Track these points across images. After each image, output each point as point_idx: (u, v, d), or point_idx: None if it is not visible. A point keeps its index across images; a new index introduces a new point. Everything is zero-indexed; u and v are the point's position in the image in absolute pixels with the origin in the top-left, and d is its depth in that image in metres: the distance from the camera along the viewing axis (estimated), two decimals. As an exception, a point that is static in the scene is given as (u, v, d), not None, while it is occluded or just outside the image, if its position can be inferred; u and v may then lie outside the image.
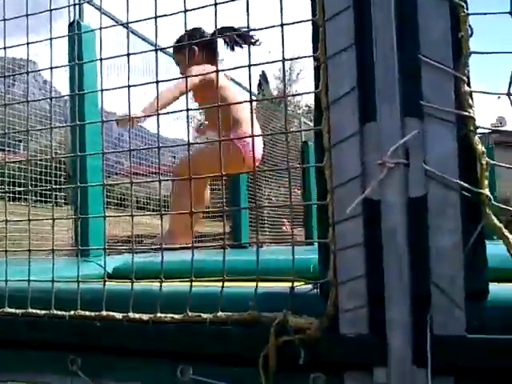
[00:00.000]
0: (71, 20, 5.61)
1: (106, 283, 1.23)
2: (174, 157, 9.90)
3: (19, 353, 1.36)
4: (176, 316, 1.15)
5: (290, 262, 1.12)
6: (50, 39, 1.47)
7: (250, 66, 1.16)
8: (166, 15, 1.27)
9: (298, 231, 11.79)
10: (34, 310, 1.30)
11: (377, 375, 0.98)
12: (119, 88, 1.33)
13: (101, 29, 1.41)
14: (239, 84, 8.47)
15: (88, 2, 5.93)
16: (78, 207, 3.18)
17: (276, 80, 25.88)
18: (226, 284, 1.16)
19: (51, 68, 1.47)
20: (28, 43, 1.48)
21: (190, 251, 1.21)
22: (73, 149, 4.93)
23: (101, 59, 1.42)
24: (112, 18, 5.95)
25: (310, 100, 26.57)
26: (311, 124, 13.20)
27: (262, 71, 27.18)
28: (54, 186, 6.15)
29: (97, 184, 4.75)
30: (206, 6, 1.21)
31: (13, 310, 1.32)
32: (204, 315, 1.13)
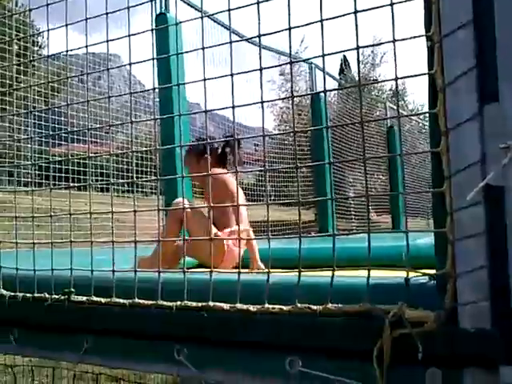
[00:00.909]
0: (156, 11, 5.72)
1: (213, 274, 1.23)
2: (257, 145, 9.94)
3: (127, 342, 1.38)
4: (285, 307, 1.13)
5: (381, 250, 1.07)
6: (129, 36, 1.48)
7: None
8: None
9: (384, 218, 11.59)
10: (141, 301, 1.31)
11: (504, 374, 0.91)
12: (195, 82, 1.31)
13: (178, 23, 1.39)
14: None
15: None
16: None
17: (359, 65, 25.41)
18: (335, 273, 1.12)
19: (130, 64, 1.48)
20: (108, 40, 1.50)
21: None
22: (162, 140, 5.04)
23: (177, 54, 1.40)
24: (195, 8, 6.02)
25: (394, 84, 25.94)
26: (395, 108, 12.91)
27: (344, 56, 26.82)
28: (130, 180, 6.28)
29: (175, 177, 4.84)
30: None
31: (121, 300, 1.34)
32: (314, 307, 1.10)
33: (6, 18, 6.38)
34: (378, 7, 1.11)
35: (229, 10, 1.27)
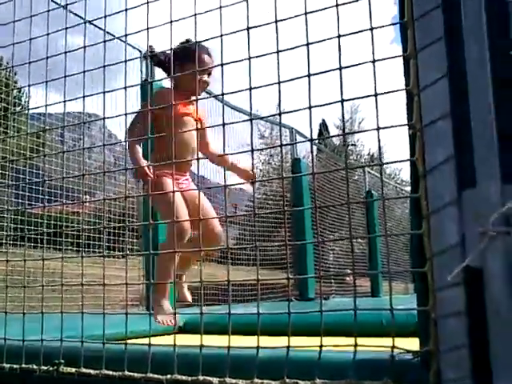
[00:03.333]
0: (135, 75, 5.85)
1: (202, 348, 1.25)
2: (235, 206, 10.03)
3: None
4: (273, 382, 1.15)
5: (361, 316, 1.11)
6: (103, 93, 1.54)
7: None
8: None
9: (362, 282, 11.61)
10: (131, 373, 1.32)
11: None
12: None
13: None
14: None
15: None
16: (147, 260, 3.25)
17: (337, 129, 26.01)
18: (313, 342, 1.15)
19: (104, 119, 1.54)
20: (83, 96, 1.56)
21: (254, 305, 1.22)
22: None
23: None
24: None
25: (372, 148, 26.50)
26: (374, 173, 13.14)
27: (323, 120, 27.41)
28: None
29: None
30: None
31: (110, 373, 1.35)
32: (302, 382, 1.13)
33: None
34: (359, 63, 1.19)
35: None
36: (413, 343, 1.13)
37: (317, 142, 14.04)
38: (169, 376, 1.27)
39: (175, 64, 2.63)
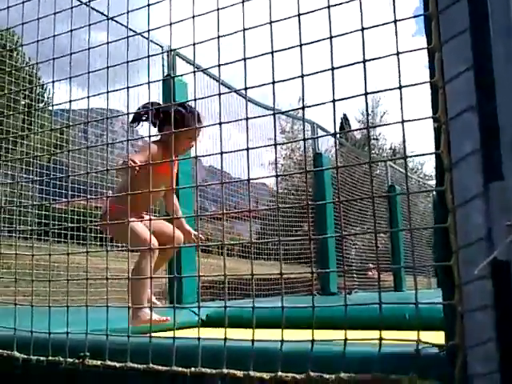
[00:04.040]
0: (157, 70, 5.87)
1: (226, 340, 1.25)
2: (257, 202, 10.04)
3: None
4: (298, 376, 1.15)
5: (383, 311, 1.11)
6: (127, 88, 1.54)
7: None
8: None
9: (385, 276, 11.55)
10: (155, 366, 1.34)
11: None
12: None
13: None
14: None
15: (177, 55, 6.21)
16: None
17: (358, 123, 25.86)
18: (336, 336, 1.15)
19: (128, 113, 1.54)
20: (108, 92, 1.56)
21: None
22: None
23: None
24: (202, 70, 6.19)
25: (394, 142, 26.32)
26: (396, 167, 13.05)
27: (344, 114, 27.27)
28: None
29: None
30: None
31: (135, 365, 1.36)
32: (326, 375, 1.13)
33: (14, 73, 6.54)
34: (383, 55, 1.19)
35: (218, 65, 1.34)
36: (437, 338, 1.12)
37: (338, 136, 14.00)
38: (193, 369, 1.27)
39: (167, 122, 3.01)
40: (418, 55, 1.18)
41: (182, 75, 6.76)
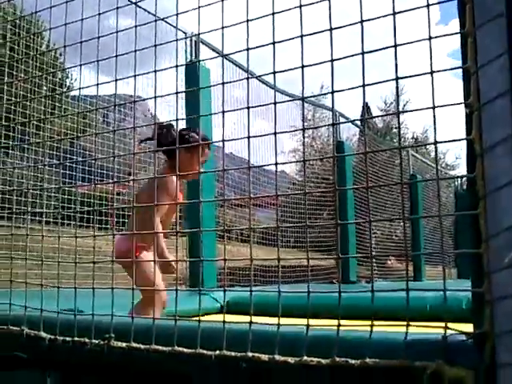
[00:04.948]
0: (179, 56, 5.88)
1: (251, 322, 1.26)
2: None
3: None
4: (323, 360, 1.15)
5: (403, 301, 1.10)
6: (155, 72, 1.54)
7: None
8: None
9: (404, 265, 11.51)
10: (180, 348, 1.34)
11: None
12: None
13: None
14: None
15: (202, 42, 6.21)
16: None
17: (380, 112, 25.66)
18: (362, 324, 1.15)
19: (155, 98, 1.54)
20: (135, 75, 1.56)
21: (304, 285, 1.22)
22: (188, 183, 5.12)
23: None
24: (223, 55, 6.18)
25: (417, 131, 26.10)
26: (418, 156, 12.96)
27: (366, 102, 27.09)
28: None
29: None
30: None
31: (160, 347, 1.38)
32: (352, 361, 1.13)
33: (38, 57, 6.59)
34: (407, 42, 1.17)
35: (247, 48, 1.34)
36: (461, 327, 1.11)
37: (359, 124, 13.94)
38: (217, 352, 1.28)
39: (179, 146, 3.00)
40: (441, 44, 1.16)
41: (204, 60, 6.75)
